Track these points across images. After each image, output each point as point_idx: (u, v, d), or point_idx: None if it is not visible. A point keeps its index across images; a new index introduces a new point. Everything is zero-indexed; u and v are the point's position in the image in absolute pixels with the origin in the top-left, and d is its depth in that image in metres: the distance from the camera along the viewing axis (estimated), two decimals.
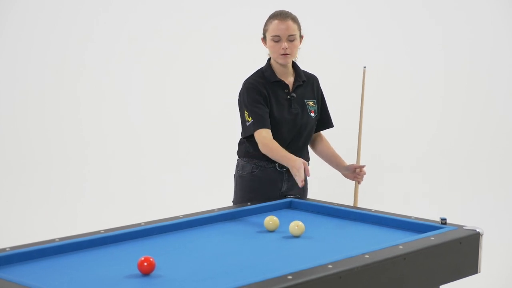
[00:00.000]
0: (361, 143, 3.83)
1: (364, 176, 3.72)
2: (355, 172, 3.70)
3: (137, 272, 2.48)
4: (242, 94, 3.59)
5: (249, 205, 3.39)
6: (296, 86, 3.63)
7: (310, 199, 3.56)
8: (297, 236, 2.98)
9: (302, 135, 3.63)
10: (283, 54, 3.53)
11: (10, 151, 6.43)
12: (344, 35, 6.53)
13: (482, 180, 6.37)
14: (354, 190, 3.76)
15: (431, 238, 2.83)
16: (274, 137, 3.49)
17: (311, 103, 3.66)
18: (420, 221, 3.13)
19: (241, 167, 3.66)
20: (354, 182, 3.74)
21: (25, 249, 2.62)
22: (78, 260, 2.64)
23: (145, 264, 2.46)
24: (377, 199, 5.77)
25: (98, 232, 2.86)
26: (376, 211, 3.31)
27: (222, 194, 4.33)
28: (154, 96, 6.61)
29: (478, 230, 2.96)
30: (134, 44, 6.57)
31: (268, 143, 3.46)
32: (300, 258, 2.70)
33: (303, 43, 3.62)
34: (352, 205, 3.72)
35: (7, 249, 2.61)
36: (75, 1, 6.56)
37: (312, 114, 3.65)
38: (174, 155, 6.54)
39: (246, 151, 3.63)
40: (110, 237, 2.84)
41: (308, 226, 3.06)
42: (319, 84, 3.74)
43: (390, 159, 6.43)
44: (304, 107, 3.62)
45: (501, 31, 6.44)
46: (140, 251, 2.71)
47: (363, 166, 3.69)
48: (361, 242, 2.89)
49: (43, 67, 6.51)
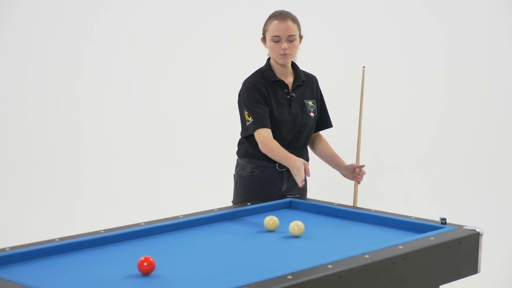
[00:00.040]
0: (360, 143, 3.83)
1: (364, 176, 3.72)
2: (354, 172, 3.70)
3: (137, 272, 2.48)
4: (242, 94, 3.59)
5: (249, 205, 3.39)
6: (296, 86, 3.63)
7: (310, 199, 3.56)
8: (297, 236, 2.98)
9: (302, 135, 3.63)
10: (283, 54, 3.53)
11: (10, 151, 6.43)
12: (344, 35, 6.53)
13: (482, 180, 6.37)
14: (354, 190, 3.75)
15: (431, 238, 2.83)
16: (274, 137, 3.49)
17: (310, 103, 3.66)
18: (420, 221, 3.13)
19: (241, 167, 3.66)
20: (353, 182, 3.74)
21: (25, 249, 2.62)
22: (78, 260, 2.64)
23: (145, 264, 2.47)
24: (377, 199, 5.77)
25: (98, 232, 2.86)
26: (376, 211, 3.31)
27: (222, 194, 4.33)
28: (154, 96, 6.60)
29: (478, 230, 2.96)
30: (134, 44, 6.57)
31: (268, 143, 3.46)
32: (300, 258, 2.69)
33: (303, 43, 3.62)
34: (352, 205, 3.72)
35: (7, 249, 2.61)
36: (75, 1, 6.55)
37: (312, 114, 3.65)
38: (174, 155, 6.54)
39: (246, 151, 3.63)
40: (110, 237, 2.84)
41: (308, 226, 3.06)
42: (318, 84, 3.74)
43: (390, 159, 6.43)
44: (303, 107, 3.62)
45: (501, 31, 6.43)
46: (140, 251, 2.71)
47: (363, 166, 3.69)
48: (361, 242, 2.89)
49: (43, 67, 6.50)
